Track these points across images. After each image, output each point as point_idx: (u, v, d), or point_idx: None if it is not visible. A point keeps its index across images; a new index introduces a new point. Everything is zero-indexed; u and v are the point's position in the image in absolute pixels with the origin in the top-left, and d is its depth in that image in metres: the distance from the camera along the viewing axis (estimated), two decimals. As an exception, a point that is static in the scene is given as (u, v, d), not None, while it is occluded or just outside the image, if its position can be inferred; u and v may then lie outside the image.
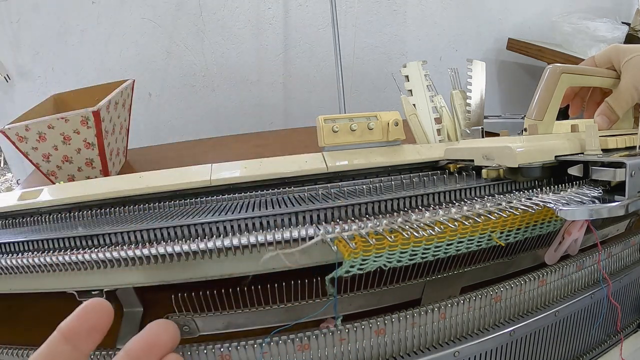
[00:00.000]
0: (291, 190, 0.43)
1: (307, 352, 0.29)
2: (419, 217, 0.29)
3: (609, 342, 0.42)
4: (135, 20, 1.13)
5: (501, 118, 0.94)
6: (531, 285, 0.37)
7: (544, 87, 0.45)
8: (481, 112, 0.56)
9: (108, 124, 0.74)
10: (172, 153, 0.97)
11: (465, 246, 0.31)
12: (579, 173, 0.35)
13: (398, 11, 1.25)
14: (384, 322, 0.31)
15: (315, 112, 1.10)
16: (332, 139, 0.48)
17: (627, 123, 0.49)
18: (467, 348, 0.32)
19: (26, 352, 0.32)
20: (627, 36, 1.14)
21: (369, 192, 0.38)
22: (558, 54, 1.12)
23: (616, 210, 0.29)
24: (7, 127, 0.67)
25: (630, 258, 0.45)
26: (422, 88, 0.56)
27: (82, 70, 1.15)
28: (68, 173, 0.74)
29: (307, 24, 1.21)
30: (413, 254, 0.29)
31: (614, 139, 0.38)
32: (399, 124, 0.49)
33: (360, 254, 0.27)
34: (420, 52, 1.29)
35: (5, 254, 0.33)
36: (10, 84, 1.14)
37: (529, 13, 1.34)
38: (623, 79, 0.47)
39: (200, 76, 1.21)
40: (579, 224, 0.35)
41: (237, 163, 0.47)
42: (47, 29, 1.11)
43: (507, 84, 1.41)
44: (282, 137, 1.05)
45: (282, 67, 1.23)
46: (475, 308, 0.34)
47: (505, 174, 0.37)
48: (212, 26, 1.17)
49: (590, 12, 1.21)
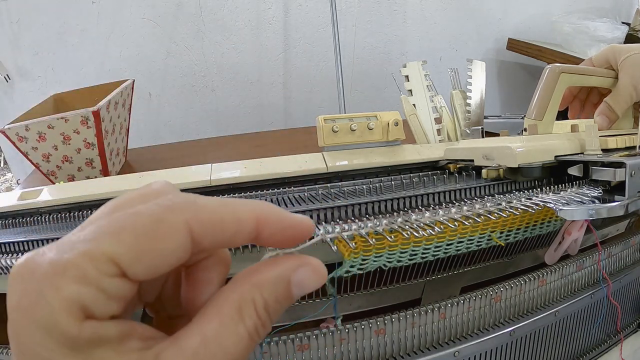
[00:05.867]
0: (291, 190, 0.43)
1: (307, 352, 0.30)
2: (419, 217, 0.29)
3: (609, 342, 0.42)
4: (135, 20, 1.13)
5: (501, 118, 0.94)
6: (531, 285, 0.37)
7: (543, 87, 0.45)
8: (481, 112, 0.56)
9: (108, 124, 0.74)
10: (172, 153, 0.97)
11: (465, 246, 0.31)
12: (579, 173, 0.35)
13: (398, 11, 1.25)
14: (384, 322, 0.31)
15: (315, 112, 1.10)
16: (332, 139, 0.48)
17: (627, 123, 0.49)
18: (467, 348, 0.32)
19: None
20: (627, 36, 1.14)
21: (369, 192, 0.38)
22: (558, 54, 1.12)
23: (616, 210, 0.29)
24: (7, 127, 0.67)
25: (630, 258, 0.45)
26: (422, 88, 0.56)
27: (82, 70, 1.15)
28: (68, 173, 0.74)
29: (307, 24, 1.21)
30: (413, 254, 0.29)
31: (614, 139, 0.38)
32: (399, 124, 0.49)
33: (360, 254, 0.27)
34: (420, 52, 1.29)
35: (5, 254, 0.33)
36: (10, 84, 1.14)
37: (529, 13, 1.34)
38: (621, 78, 0.47)
39: (200, 76, 1.21)
40: (578, 224, 0.35)
41: (237, 163, 0.47)
42: (47, 29, 1.11)
43: (507, 84, 1.40)
44: (282, 137, 1.05)
45: (282, 67, 1.23)
46: (475, 308, 0.34)
47: (505, 174, 0.37)
48: (212, 26, 1.17)
49: (590, 12, 1.21)
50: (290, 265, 0.16)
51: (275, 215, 0.16)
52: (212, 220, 0.15)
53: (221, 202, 0.16)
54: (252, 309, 0.15)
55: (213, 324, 0.15)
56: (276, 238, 0.16)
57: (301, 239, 0.17)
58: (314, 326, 0.32)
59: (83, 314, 0.13)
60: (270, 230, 0.16)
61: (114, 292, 0.14)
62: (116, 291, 0.14)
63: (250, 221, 0.16)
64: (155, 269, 0.14)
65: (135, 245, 0.14)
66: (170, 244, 0.14)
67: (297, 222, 0.17)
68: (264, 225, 0.16)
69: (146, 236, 0.14)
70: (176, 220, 0.14)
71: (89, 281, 0.13)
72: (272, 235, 0.16)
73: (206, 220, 0.15)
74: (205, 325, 0.15)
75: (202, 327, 0.15)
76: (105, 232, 0.14)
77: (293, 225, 0.17)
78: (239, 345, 0.15)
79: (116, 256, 0.13)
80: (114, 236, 0.14)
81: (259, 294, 0.16)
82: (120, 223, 0.14)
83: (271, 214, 0.16)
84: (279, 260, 0.17)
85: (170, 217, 0.14)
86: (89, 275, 0.13)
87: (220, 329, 0.15)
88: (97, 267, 0.13)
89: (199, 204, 0.15)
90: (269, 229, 0.16)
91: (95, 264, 0.13)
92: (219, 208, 0.15)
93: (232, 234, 0.15)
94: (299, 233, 0.17)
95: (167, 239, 0.14)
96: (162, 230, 0.14)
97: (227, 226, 0.15)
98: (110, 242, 0.13)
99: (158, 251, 0.14)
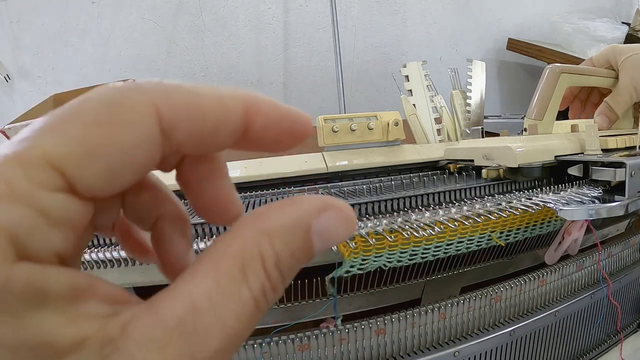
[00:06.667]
0: (291, 190, 0.43)
1: (307, 352, 0.30)
2: (419, 217, 0.29)
3: (609, 342, 0.42)
4: (135, 20, 1.13)
5: (501, 118, 0.94)
6: (531, 285, 0.37)
7: (543, 87, 0.45)
8: (481, 112, 0.56)
9: (108, 124, 0.74)
10: (172, 153, 0.97)
11: (465, 246, 0.31)
12: (579, 173, 0.35)
13: (398, 11, 1.25)
14: (384, 322, 0.31)
15: (315, 112, 1.10)
16: (332, 139, 0.48)
17: (627, 123, 0.49)
18: (467, 348, 0.32)
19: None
20: (627, 36, 1.14)
21: (369, 192, 0.38)
22: (558, 54, 1.12)
23: (616, 210, 0.29)
24: (7, 127, 0.67)
25: (630, 258, 0.45)
26: (422, 88, 0.56)
27: (82, 70, 1.15)
28: (68, 173, 0.74)
29: (307, 24, 1.21)
30: (413, 254, 0.29)
31: (614, 139, 0.38)
32: (399, 124, 0.49)
33: (360, 254, 0.27)
34: (420, 52, 1.29)
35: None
36: (10, 84, 1.14)
37: (529, 13, 1.34)
38: (621, 79, 0.47)
39: (200, 76, 1.21)
40: (578, 224, 0.35)
41: (237, 163, 0.47)
42: (47, 29, 1.11)
43: (507, 84, 1.40)
44: (282, 137, 1.05)
45: (282, 67, 1.23)
46: (475, 308, 0.34)
47: (505, 174, 0.37)
48: (212, 26, 1.17)
49: (590, 12, 1.21)
50: (310, 208, 0.12)
51: (268, 103, 0.12)
52: (187, 103, 0.11)
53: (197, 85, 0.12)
54: (260, 265, 0.11)
55: (205, 285, 0.10)
56: (271, 133, 0.12)
57: (301, 136, 0.13)
58: (314, 326, 0.32)
59: (13, 249, 0.09)
60: (263, 121, 0.12)
61: (57, 214, 0.09)
62: (61, 213, 0.09)
63: (238, 108, 0.12)
64: (114, 176, 0.10)
65: (83, 140, 0.09)
66: (133, 134, 0.10)
67: (294, 113, 0.13)
68: (255, 114, 0.12)
69: (98, 125, 0.10)
70: (139, 99, 0.10)
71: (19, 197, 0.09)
72: (265, 128, 0.12)
73: (180, 103, 0.11)
74: (194, 287, 0.10)
75: (190, 289, 0.10)
76: (43, 127, 0.09)
77: (290, 116, 0.13)
78: (241, 315, 0.11)
79: (58, 158, 0.09)
80: (54, 130, 0.09)
81: (269, 245, 0.11)
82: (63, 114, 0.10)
83: (264, 101, 0.12)
84: (296, 201, 0.12)
85: (132, 97, 0.10)
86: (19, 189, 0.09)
87: (215, 293, 0.10)
88: (30, 175, 0.09)
89: (169, 84, 0.11)
90: (261, 118, 0.12)
91: (26, 171, 0.09)
92: (196, 89, 0.12)
93: (213, 124, 0.11)
94: (299, 127, 0.13)
95: (127, 127, 0.10)
96: (121, 115, 0.10)
97: (207, 113, 0.11)
98: (48, 139, 0.09)
99: (116, 145, 0.10)
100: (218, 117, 0.11)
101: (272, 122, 0.12)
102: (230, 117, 0.12)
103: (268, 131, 0.12)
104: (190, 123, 0.11)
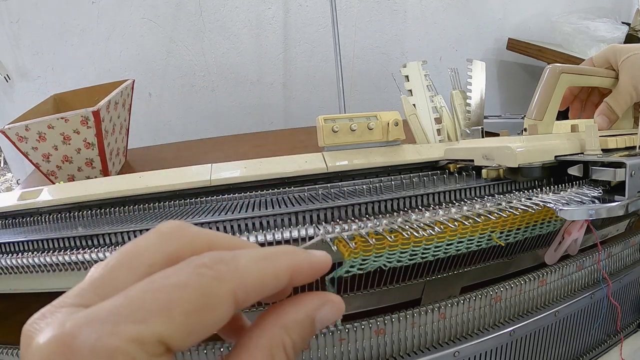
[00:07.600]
0: (291, 190, 0.43)
1: (307, 352, 0.30)
2: (419, 217, 0.29)
3: (609, 342, 0.42)
4: (135, 20, 1.13)
5: (501, 118, 0.94)
6: (531, 285, 0.37)
7: (543, 87, 0.45)
8: (481, 112, 0.56)
9: (108, 124, 0.74)
10: (172, 153, 0.97)
11: (465, 246, 0.31)
12: (579, 173, 0.35)
13: (398, 11, 1.25)
14: (384, 322, 0.31)
15: (315, 112, 1.10)
16: (332, 139, 0.48)
17: (627, 123, 0.49)
18: (467, 348, 0.32)
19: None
20: (627, 36, 1.14)
21: (369, 192, 0.38)
22: (558, 54, 1.12)
23: (616, 210, 0.29)
24: (7, 127, 0.67)
25: (630, 258, 0.45)
26: (422, 88, 0.56)
27: (82, 70, 1.15)
28: (68, 173, 0.74)
29: (307, 24, 1.21)
30: (413, 254, 0.29)
31: (614, 139, 0.38)
32: (399, 124, 0.49)
33: (360, 254, 0.27)
34: (420, 52, 1.29)
35: (5, 254, 0.33)
36: (10, 84, 1.14)
37: (529, 13, 1.34)
38: (621, 79, 0.47)
39: (200, 76, 1.21)
40: (578, 224, 0.35)
41: (237, 163, 0.47)
42: (47, 29, 1.11)
43: (507, 84, 1.40)
44: (282, 137, 1.05)
45: (282, 67, 1.23)
46: (475, 308, 0.34)
47: (505, 174, 0.37)
48: (212, 26, 1.17)
49: (590, 12, 1.21)
50: (315, 305, 0.17)
51: (307, 264, 0.17)
52: (255, 286, 0.15)
53: (260, 260, 0.16)
54: (283, 352, 0.16)
55: None
56: (304, 281, 0.17)
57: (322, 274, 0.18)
58: (314, 326, 0.32)
59: None
60: (301, 279, 0.17)
61: None
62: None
63: (287, 276, 0.16)
64: (199, 340, 0.14)
65: (186, 324, 0.13)
66: (217, 316, 0.14)
67: (322, 263, 0.18)
68: (297, 275, 0.17)
69: (196, 313, 0.14)
70: (224, 291, 0.14)
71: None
72: (302, 281, 0.17)
73: (250, 287, 0.15)
74: None
75: None
76: (152, 310, 0.13)
77: (319, 267, 0.17)
78: None
79: (167, 337, 0.13)
80: (164, 316, 0.13)
81: (287, 336, 0.16)
82: (166, 298, 0.13)
83: (304, 265, 0.17)
84: (302, 299, 0.17)
85: (218, 289, 0.14)
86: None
87: None
88: (147, 351, 0.13)
89: (241, 270, 0.15)
90: (301, 278, 0.17)
91: (145, 349, 0.12)
92: (261, 270, 0.16)
93: (269, 292, 0.16)
94: (322, 271, 0.18)
95: (214, 312, 0.14)
96: (211, 304, 0.14)
97: (266, 288, 0.16)
98: (161, 324, 0.13)
99: (207, 325, 0.14)
100: (272, 289, 0.16)
101: (308, 277, 0.17)
102: (280, 284, 0.16)
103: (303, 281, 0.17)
104: (255, 297, 0.15)
